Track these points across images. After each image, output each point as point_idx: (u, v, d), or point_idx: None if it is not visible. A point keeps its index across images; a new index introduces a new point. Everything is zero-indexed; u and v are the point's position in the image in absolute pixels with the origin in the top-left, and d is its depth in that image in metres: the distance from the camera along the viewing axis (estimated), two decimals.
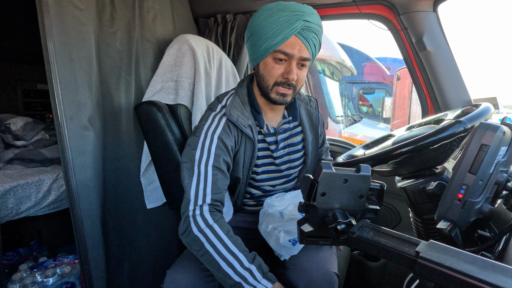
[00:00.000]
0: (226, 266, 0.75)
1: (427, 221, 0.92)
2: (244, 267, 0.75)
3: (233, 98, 0.96)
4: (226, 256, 0.75)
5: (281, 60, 0.87)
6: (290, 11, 0.84)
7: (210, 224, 0.79)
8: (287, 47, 0.84)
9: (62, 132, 0.92)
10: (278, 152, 1.01)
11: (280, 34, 0.84)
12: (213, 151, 0.86)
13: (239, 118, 0.91)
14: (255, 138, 0.94)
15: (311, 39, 0.86)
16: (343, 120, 3.79)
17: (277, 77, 0.88)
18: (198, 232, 0.78)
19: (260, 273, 0.75)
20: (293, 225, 0.86)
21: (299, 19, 0.83)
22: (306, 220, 0.54)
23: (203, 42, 1.30)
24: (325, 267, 0.86)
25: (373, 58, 6.33)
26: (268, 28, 0.85)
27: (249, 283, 0.73)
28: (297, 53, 0.85)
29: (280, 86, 0.89)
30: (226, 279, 0.74)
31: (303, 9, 0.85)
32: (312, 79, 3.43)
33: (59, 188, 1.23)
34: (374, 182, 0.55)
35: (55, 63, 0.90)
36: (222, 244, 0.77)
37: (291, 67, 0.86)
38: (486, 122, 0.61)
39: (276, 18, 0.84)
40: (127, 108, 1.16)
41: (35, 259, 1.53)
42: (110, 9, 1.09)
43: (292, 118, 1.03)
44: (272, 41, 0.85)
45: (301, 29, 0.84)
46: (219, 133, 0.89)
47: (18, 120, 1.49)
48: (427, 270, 0.39)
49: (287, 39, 0.84)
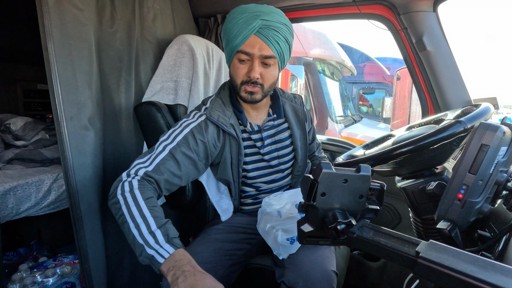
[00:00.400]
0: (134, 228, 0.71)
1: (427, 221, 0.92)
2: (150, 230, 0.71)
3: (214, 100, 0.99)
4: (136, 219, 0.72)
5: (243, 61, 0.91)
6: (248, 12, 0.88)
7: (133, 190, 0.77)
8: (247, 47, 0.88)
9: (62, 132, 0.92)
10: (265, 148, 1.03)
11: (240, 35, 0.88)
12: (177, 139, 0.88)
13: (219, 118, 0.94)
14: (238, 136, 0.97)
15: (271, 37, 0.88)
16: (343, 120, 3.79)
17: (242, 76, 0.92)
18: (120, 195, 0.77)
19: (164, 238, 0.70)
20: (291, 224, 0.86)
21: (256, 18, 0.87)
22: (306, 220, 0.54)
23: (203, 43, 1.30)
24: (324, 265, 0.86)
25: (373, 58, 6.33)
26: (230, 31, 0.90)
27: (151, 246, 0.69)
28: (257, 51, 0.88)
29: (246, 84, 0.92)
30: (133, 243, 0.71)
31: (261, 9, 0.89)
32: (312, 79, 3.43)
33: (59, 188, 1.23)
34: (374, 182, 0.55)
35: (55, 63, 0.90)
36: (136, 207, 0.74)
37: (253, 65, 0.90)
38: (486, 122, 0.61)
39: (236, 20, 0.89)
40: (127, 108, 1.16)
41: (35, 259, 1.53)
42: (110, 9, 1.09)
43: (277, 116, 1.06)
44: (234, 42, 0.89)
45: (259, 28, 0.87)
46: (192, 126, 0.92)
47: (18, 120, 1.49)
48: (427, 270, 0.39)
49: (247, 39, 0.88)
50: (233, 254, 0.98)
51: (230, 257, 0.97)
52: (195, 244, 0.99)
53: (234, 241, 1.01)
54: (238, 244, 1.01)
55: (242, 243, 1.02)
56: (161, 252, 0.68)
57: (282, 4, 1.48)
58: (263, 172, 1.05)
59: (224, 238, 1.00)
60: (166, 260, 0.67)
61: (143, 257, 0.69)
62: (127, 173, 0.82)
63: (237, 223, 1.07)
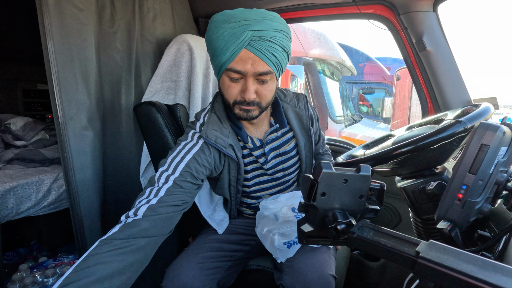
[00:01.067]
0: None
1: (427, 221, 0.92)
2: None
3: (209, 115, 0.88)
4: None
5: (235, 79, 0.78)
6: (235, 21, 0.73)
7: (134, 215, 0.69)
8: (238, 64, 0.74)
9: (62, 132, 0.92)
10: (269, 163, 0.95)
11: (227, 50, 0.73)
12: (179, 169, 0.78)
13: (217, 139, 0.84)
14: (238, 157, 0.87)
15: (265, 49, 0.74)
16: (343, 120, 3.79)
17: (234, 96, 0.80)
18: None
19: None
20: (288, 228, 0.86)
21: (245, 30, 0.72)
22: (306, 220, 0.54)
23: (203, 42, 1.29)
24: (321, 269, 0.85)
25: (373, 58, 6.33)
26: (216, 44, 0.75)
27: None
28: (250, 68, 0.75)
29: (240, 104, 0.81)
30: None
31: (250, 17, 0.73)
32: (312, 79, 3.43)
33: (59, 188, 1.23)
34: (374, 182, 0.55)
35: (55, 63, 0.90)
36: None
37: (246, 85, 0.77)
38: (486, 122, 0.61)
39: (221, 32, 0.73)
40: (127, 108, 1.16)
41: (35, 259, 1.53)
42: (110, 9, 1.09)
43: (280, 125, 0.95)
44: (221, 58, 0.75)
45: (250, 41, 0.73)
46: (194, 152, 0.81)
47: (18, 120, 1.49)
48: (427, 270, 0.39)
49: (236, 55, 0.73)
50: (232, 255, 0.98)
51: (230, 258, 0.97)
52: (195, 244, 0.98)
53: (234, 242, 1.00)
54: (238, 245, 1.01)
55: (241, 245, 1.01)
56: None
57: (282, 4, 1.48)
58: (266, 186, 1.00)
59: (224, 239, 1.00)
60: None
61: None
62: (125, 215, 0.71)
63: (237, 224, 1.07)
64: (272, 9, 1.53)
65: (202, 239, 1.00)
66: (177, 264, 0.89)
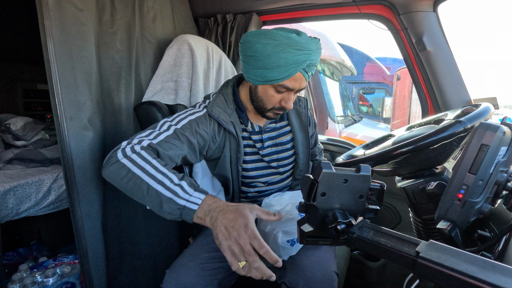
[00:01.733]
0: (156, 184, 0.70)
1: (427, 221, 0.92)
2: (175, 183, 0.71)
3: (216, 96, 0.98)
4: (155, 175, 0.71)
5: (281, 92, 0.89)
6: (298, 49, 0.82)
7: (137, 151, 0.75)
8: (290, 83, 0.86)
9: (62, 132, 0.92)
10: (265, 150, 1.02)
11: (286, 71, 0.83)
12: (182, 123, 0.87)
13: (220, 115, 0.93)
14: (238, 134, 0.95)
15: (311, 72, 0.88)
16: (343, 120, 3.78)
17: (275, 103, 0.92)
18: (123, 158, 0.73)
19: (191, 188, 0.71)
20: (292, 225, 0.86)
21: (307, 59, 0.83)
22: (306, 220, 0.54)
23: (203, 43, 1.30)
24: (324, 266, 0.86)
25: (373, 58, 6.33)
26: (273, 61, 0.83)
27: (181, 197, 0.69)
28: (298, 86, 0.88)
29: (277, 110, 0.93)
30: (156, 198, 0.70)
31: (310, 47, 0.84)
32: (312, 79, 3.43)
33: (59, 188, 1.23)
34: (374, 182, 0.55)
35: (55, 63, 0.90)
36: (150, 165, 0.72)
37: (289, 97, 0.90)
38: (486, 122, 0.61)
39: (284, 54, 0.82)
40: (127, 108, 1.16)
41: (35, 259, 1.53)
42: (110, 9, 1.09)
43: (279, 118, 1.04)
44: (275, 75, 0.84)
45: (306, 66, 0.85)
46: (197, 116, 0.91)
47: (18, 120, 1.49)
48: (427, 270, 0.39)
49: (292, 76, 0.85)
50: None
51: None
52: (196, 244, 0.98)
53: None
54: None
55: None
56: (193, 200, 0.69)
57: (282, 4, 1.48)
58: (263, 172, 1.04)
59: None
60: (200, 206, 0.68)
61: (172, 210, 0.69)
62: (127, 141, 0.77)
63: None
64: (272, 9, 1.53)
65: (203, 239, 1.00)
66: (178, 264, 0.89)
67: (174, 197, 0.69)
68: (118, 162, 0.73)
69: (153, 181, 0.71)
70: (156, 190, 0.70)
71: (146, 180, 0.71)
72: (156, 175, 0.71)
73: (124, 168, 0.72)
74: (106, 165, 0.76)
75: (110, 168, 0.74)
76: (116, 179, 0.74)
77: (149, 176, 0.71)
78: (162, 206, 0.69)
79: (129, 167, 0.72)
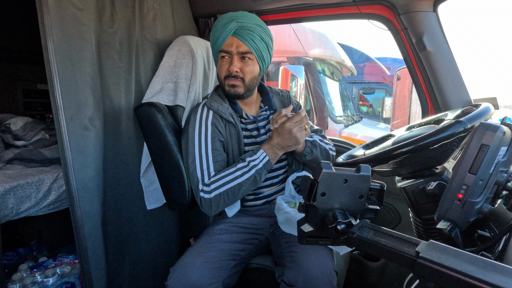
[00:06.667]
0: (240, 178, 0.95)
1: (427, 221, 0.92)
2: (245, 165, 0.96)
3: (212, 93, 1.12)
4: (236, 175, 0.96)
5: (224, 57, 1.04)
6: (226, 18, 1.02)
7: (207, 183, 0.97)
8: (226, 46, 1.02)
9: (62, 132, 0.92)
10: (261, 137, 1.13)
11: (220, 37, 1.02)
12: (209, 136, 1.03)
13: (219, 108, 1.06)
14: (237, 123, 1.07)
15: (247, 36, 1.00)
16: (343, 120, 3.78)
17: (224, 72, 1.04)
18: (208, 194, 0.95)
19: (252, 155, 0.98)
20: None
21: (232, 21, 1.00)
22: (306, 220, 0.54)
23: (203, 44, 1.30)
24: (324, 263, 0.87)
25: (373, 58, 6.33)
26: (213, 36, 1.05)
27: (256, 165, 0.96)
28: (234, 49, 1.01)
29: (228, 79, 1.04)
30: (251, 182, 0.96)
31: (236, 14, 1.03)
32: (312, 79, 3.43)
33: (59, 188, 1.23)
34: (374, 182, 0.55)
35: (55, 63, 0.90)
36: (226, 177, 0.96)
37: (232, 60, 1.02)
38: (486, 122, 0.61)
39: (217, 27, 1.03)
40: (127, 108, 1.16)
41: (35, 259, 1.53)
42: (110, 9, 1.09)
43: (268, 107, 1.17)
44: (216, 44, 1.04)
45: (236, 29, 1.00)
46: (211, 119, 1.05)
47: (18, 120, 1.49)
48: (427, 270, 0.39)
49: (226, 40, 1.01)
50: (236, 254, 0.99)
51: (234, 258, 0.98)
52: (199, 244, 0.99)
53: (238, 242, 1.01)
54: (242, 244, 1.02)
55: (245, 244, 1.03)
56: (261, 157, 0.97)
57: (282, 4, 1.48)
58: None
59: (228, 238, 1.01)
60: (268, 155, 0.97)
61: (263, 174, 0.97)
62: (201, 185, 0.98)
63: (240, 223, 1.08)
64: (272, 9, 1.53)
65: (207, 239, 1.01)
66: (183, 262, 0.90)
67: (254, 169, 0.96)
68: (208, 199, 0.96)
69: (237, 179, 0.95)
70: (244, 179, 0.96)
71: (235, 183, 0.95)
72: (235, 175, 0.96)
73: (217, 197, 0.96)
74: (203, 207, 0.99)
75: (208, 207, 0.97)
76: (220, 205, 0.97)
77: (234, 180, 0.96)
78: (257, 179, 0.97)
79: (219, 192, 0.95)
